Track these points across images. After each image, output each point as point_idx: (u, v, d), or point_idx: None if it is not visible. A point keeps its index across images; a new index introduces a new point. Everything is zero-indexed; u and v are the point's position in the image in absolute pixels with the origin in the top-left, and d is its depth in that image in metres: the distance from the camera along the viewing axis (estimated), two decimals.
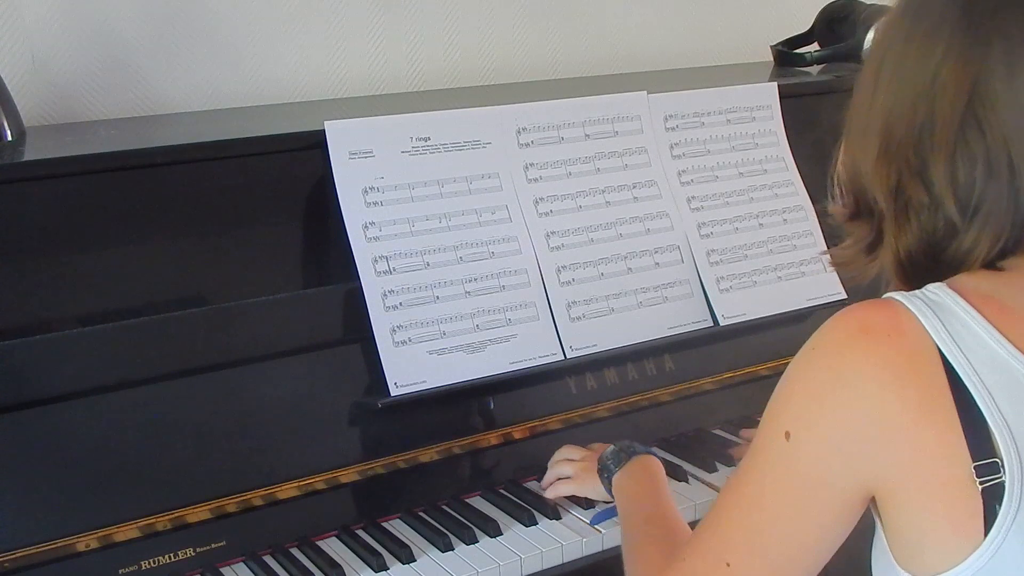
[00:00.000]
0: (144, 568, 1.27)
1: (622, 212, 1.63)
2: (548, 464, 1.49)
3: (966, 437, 0.85)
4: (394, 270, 1.44)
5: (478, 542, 1.36)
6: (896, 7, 0.97)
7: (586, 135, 1.63)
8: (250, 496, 1.33)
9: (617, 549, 1.37)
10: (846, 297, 1.70)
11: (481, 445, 1.48)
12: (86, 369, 1.27)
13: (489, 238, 1.52)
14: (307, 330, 1.40)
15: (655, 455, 1.36)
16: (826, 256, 1.06)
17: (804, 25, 2.22)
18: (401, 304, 1.44)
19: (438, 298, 1.46)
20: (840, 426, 0.89)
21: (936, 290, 0.91)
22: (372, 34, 1.96)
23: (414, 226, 1.48)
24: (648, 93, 1.69)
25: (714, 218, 1.70)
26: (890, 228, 0.95)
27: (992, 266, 0.92)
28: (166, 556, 1.28)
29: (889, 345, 0.88)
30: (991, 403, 0.86)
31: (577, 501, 1.43)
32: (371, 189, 1.46)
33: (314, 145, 1.45)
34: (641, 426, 1.58)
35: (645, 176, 1.66)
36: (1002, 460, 0.85)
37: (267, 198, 1.45)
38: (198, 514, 1.30)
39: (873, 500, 0.91)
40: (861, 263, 1.01)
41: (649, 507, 1.23)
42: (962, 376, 0.86)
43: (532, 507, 1.41)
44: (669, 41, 2.32)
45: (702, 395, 1.64)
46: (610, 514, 1.37)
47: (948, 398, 0.86)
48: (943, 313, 0.89)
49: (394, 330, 1.42)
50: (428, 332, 1.45)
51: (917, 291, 0.92)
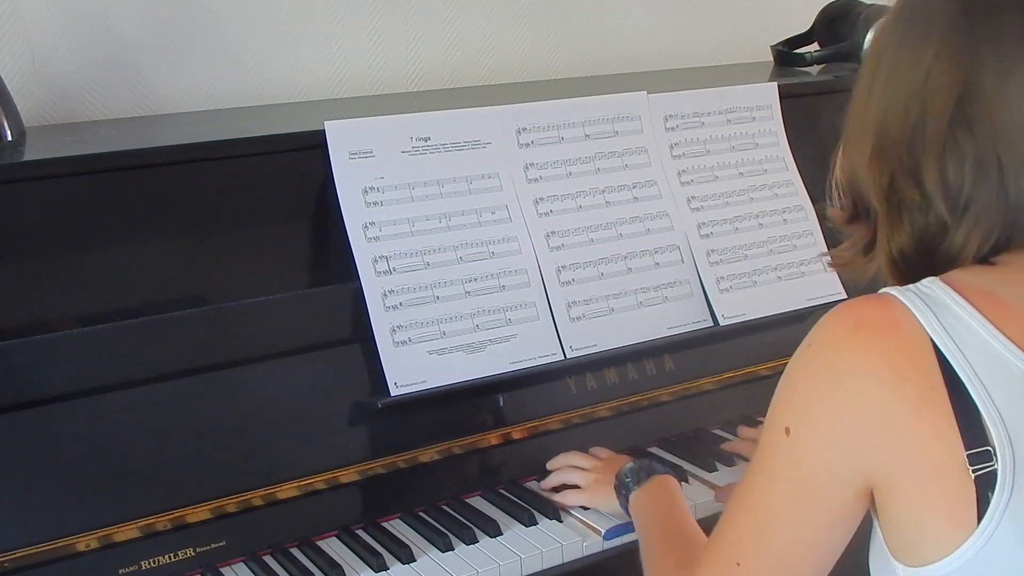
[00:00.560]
0: (144, 568, 1.27)
1: (622, 212, 1.63)
2: (547, 466, 1.49)
3: (959, 426, 0.87)
4: (394, 270, 1.44)
5: (478, 542, 1.35)
6: (892, 10, 0.98)
7: (586, 135, 1.63)
8: (250, 496, 1.33)
9: (616, 550, 1.38)
10: (846, 297, 1.70)
11: (481, 445, 1.48)
12: (86, 369, 1.27)
13: (489, 238, 1.52)
14: (307, 330, 1.40)
15: (672, 474, 1.35)
16: (826, 257, 1.07)
17: (804, 25, 2.22)
18: (401, 304, 1.44)
19: (438, 298, 1.46)
20: (839, 421, 0.90)
21: (930, 284, 0.92)
22: (372, 34, 1.96)
23: (414, 226, 1.48)
24: (648, 93, 1.69)
25: (714, 218, 1.70)
26: (883, 227, 0.97)
27: (985, 261, 0.93)
28: (166, 556, 1.28)
29: (884, 339, 0.89)
30: (984, 394, 0.87)
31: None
32: (371, 189, 1.46)
33: (314, 145, 1.45)
34: (641, 426, 1.58)
35: (645, 176, 1.66)
36: (995, 448, 0.86)
37: (267, 198, 1.45)
38: (198, 514, 1.30)
39: (872, 496, 0.92)
40: (860, 264, 1.02)
41: (669, 523, 1.23)
42: (956, 368, 0.88)
43: (532, 507, 1.41)
44: (669, 41, 2.32)
45: (702, 395, 1.64)
46: (624, 530, 1.37)
47: (942, 390, 0.87)
48: (937, 307, 0.90)
49: (394, 330, 1.42)
50: (428, 332, 1.45)
51: (911, 286, 0.93)
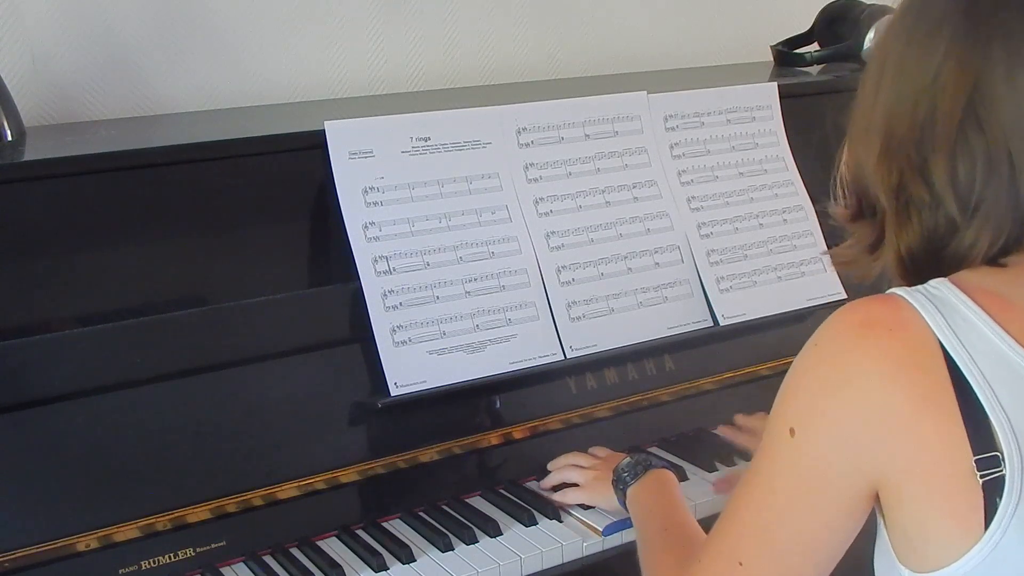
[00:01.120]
0: (144, 568, 1.27)
1: (622, 212, 1.63)
2: (548, 466, 1.49)
3: (967, 431, 0.86)
4: (394, 270, 1.44)
5: (478, 542, 1.36)
6: (898, 8, 0.98)
7: (586, 135, 1.63)
8: (250, 496, 1.33)
9: (616, 549, 1.38)
10: (846, 297, 1.70)
11: (481, 445, 1.48)
12: (86, 369, 1.27)
13: (489, 238, 1.52)
14: (307, 330, 1.40)
15: (669, 469, 1.36)
16: (828, 256, 1.06)
17: (804, 25, 2.22)
18: (401, 304, 1.44)
19: (438, 298, 1.46)
20: (844, 420, 0.90)
21: (938, 285, 0.91)
22: (372, 34, 1.96)
23: (414, 226, 1.48)
24: (648, 93, 1.69)
25: (714, 218, 1.70)
26: (891, 226, 0.96)
27: (994, 262, 0.92)
28: (166, 556, 1.28)
29: (892, 339, 0.88)
30: (992, 397, 0.86)
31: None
32: (371, 189, 1.46)
33: (314, 145, 1.45)
34: (641, 426, 1.58)
35: (645, 176, 1.66)
36: (1003, 454, 0.85)
37: (267, 198, 1.45)
38: (198, 514, 1.30)
39: (876, 496, 0.92)
40: (864, 263, 1.02)
41: (665, 518, 1.23)
42: (963, 370, 0.87)
43: (532, 507, 1.41)
44: (669, 41, 2.32)
45: (702, 395, 1.64)
46: (622, 526, 1.37)
47: (950, 392, 0.87)
48: (945, 308, 0.89)
49: (394, 330, 1.42)
50: (428, 332, 1.45)
51: (919, 286, 0.92)
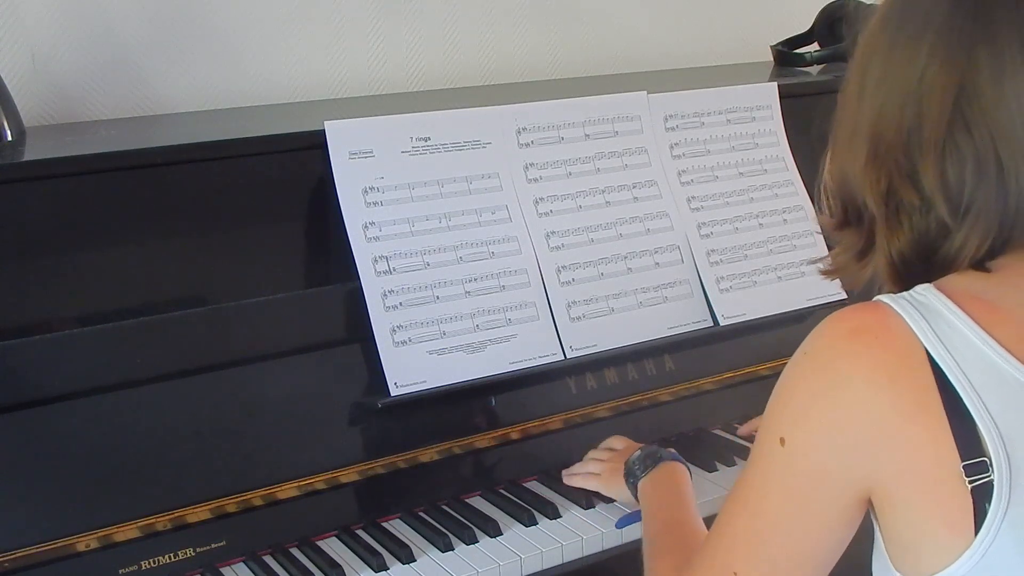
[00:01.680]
0: (144, 568, 1.27)
1: (622, 212, 1.63)
2: (564, 478, 1.49)
3: (954, 437, 0.86)
4: (394, 270, 1.44)
5: (478, 542, 1.36)
6: (879, 13, 0.98)
7: (586, 135, 1.63)
8: (250, 496, 1.33)
9: (617, 549, 1.38)
10: (846, 297, 1.70)
11: (481, 445, 1.48)
12: (86, 369, 1.27)
13: (489, 238, 1.52)
14: (307, 330, 1.40)
15: (681, 461, 1.35)
16: (818, 264, 1.06)
17: (804, 25, 2.22)
18: (401, 304, 1.44)
19: (438, 298, 1.46)
20: (833, 428, 0.90)
21: (923, 292, 0.91)
22: (372, 34, 1.96)
23: (414, 226, 1.48)
24: (648, 93, 1.69)
25: (714, 218, 1.70)
26: (882, 231, 0.96)
27: (980, 266, 0.92)
28: (166, 556, 1.28)
29: (878, 347, 0.89)
30: (979, 403, 0.86)
31: (576, 501, 1.44)
32: (371, 189, 1.46)
33: (314, 145, 1.45)
34: (641, 426, 1.58)
35: (645, 176, 1.66)
36: (990, 459, 0.85)
37: (267, 198, 1.45)
38: (198, 514, 1.30)
39: (871, 503, 0.92)
40: (853, 270, 1.02)
41: (669, 517, 1.23)
42: (949, 376, 0.87)
43: (532, 507, 1.41)
44: (669, 41, 2.32)
45: (702, 395, 1.64)
46: (635, 518, 1.37)
47: (936, 399, 0.87)
48: (930, 314, 0.89)
49: (394, 330, 1.42)
50: (428, 332, 1.45)
51: (904, 293, 0.92)
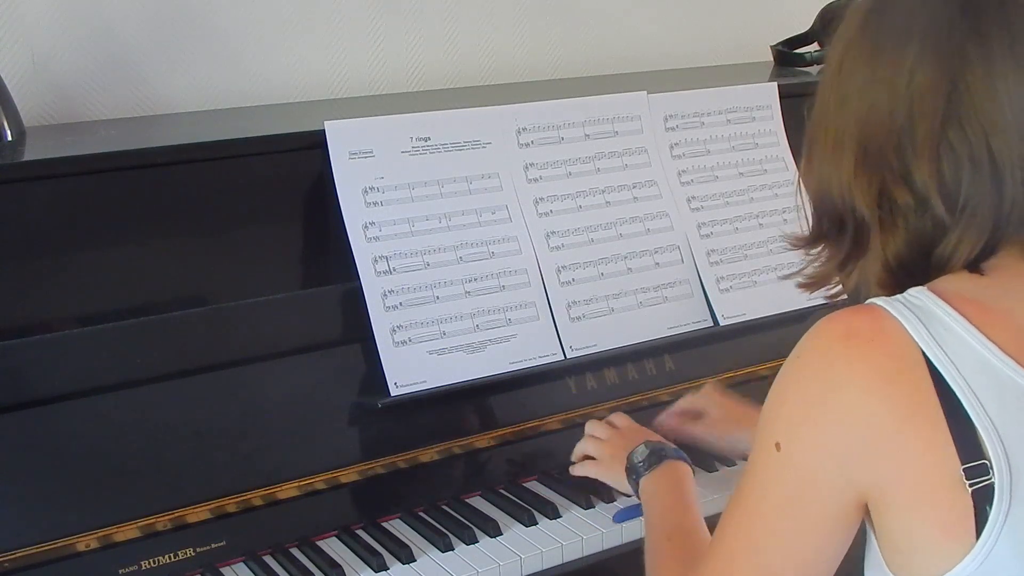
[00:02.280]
0: (144, 568, 1.27)
1: (622, 212, 1.63)
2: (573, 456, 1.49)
3: (954, 440, 0.85)
4: (394, 270, 1.44)
5: (478, 542, 1.36)
6: (854, 23, 0.97)
7: (586, 135, 1.63)
8: (250, 496, 1.33)
9: (617, 549, 1.38)
10: (846, 297, 1.70)
11: (481, 445, 1.48)
12: (86, 369, 1.27)
13: (489, 238, 1.52)
14: (307, 330, 1.40)
15: (685, 459, 1.35)
16: (792, 280, 1.06)
17: (804, 25, 2.22)
18: (401, 304, 1.44)
19: (438, 298, 1.46)
20: (829, 433, 0.89)
21: (917, 294, 0.91)
22: (372, 34, 1.96)
23: (414, 226, 1.48)
24: (648, 93, 1.69)
25: (714, 218, 1.70)
26: (876, 236, 0.95)
27: (974, 268, 0.92)
28: (166, 556, 1.28)
29: (873, 350, 0.88)
30: (977, 405, 0.86)
31: (576, 501, 1.44)
32: (371, 189, 1.46)
33: (314, 145, 1.45)
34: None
35: (645, 176, 1.66)
36: (991, 462, 0.85)
37: (267, 198, 1.45)
38: (198, 514, 1.30)
39: (866, 508, 0.91)
40: (830, 281, 1.01)
41: (673, 522, 1.23)
42: (947, 379, 0.87)
43: (532, 507, 1.41)
44: (669, 41, 2.32)
45: None
46: (632, 513, 1.37)
47: (934, 401, 0.86)
48: (925, 317, 0.89)
49: (394, 330, 1.42)
50: (428, 332, 1.45)
51: (898, 296, 0.92)
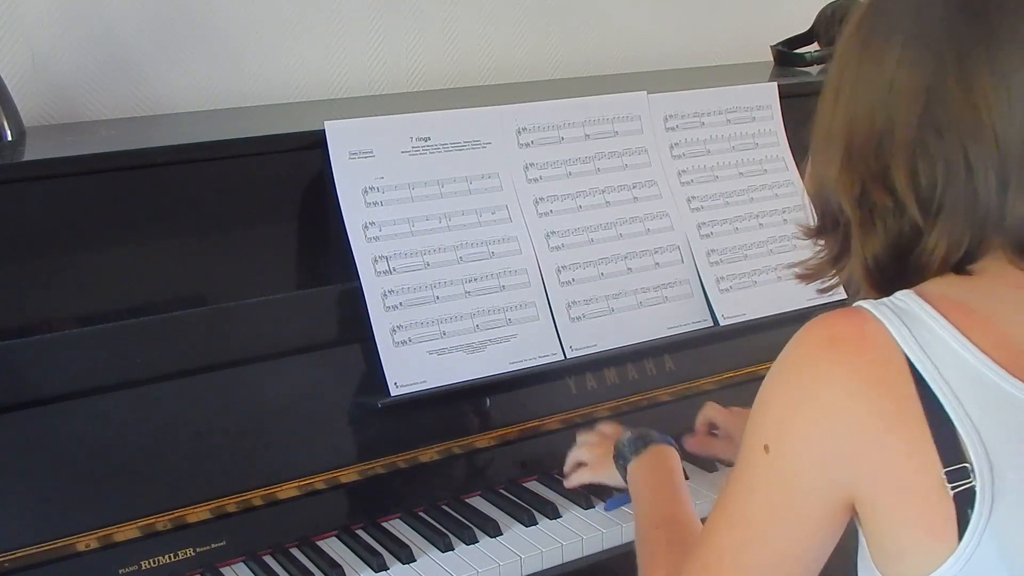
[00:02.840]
0: (144, 568, 1.27)
1: (622, 212, 1.63)
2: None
3: (935, 443, 0.86)
4: (394, 270, 1.45)
5: (478, 542, 1.36)
6: (853, 19, 0.99)
7: (586, 135, 1.63)
8: (250, 496, 1.33)
9: (617, 549, 1.38)
10: (846, 297, 1.70)
11: (481, 445, 1.48)
12: (86, 369, 1.27)
13: (489, 238, 1.52)
14: (307, 330, 1.40)
15: (671, 444, 1.35)
16: (793, 270, 1.08)
17: (804, 25, 2.22)
18: (401, 304, 1.44)
19: (438, 298, 1.46)
20: (814, 436, 0.90)
21: (903, 297, 0.92)
22: (372, 34, 1.96)
23: (414, 226, 1.48)
24: (648, 93, 1.69)
25: (714, 218, 1.70)
26: (857, 235, 0.97)
27: (961, 270, 0.92)
28: (166, 556, 1.28)
29: (857, 354, 0.89)
30: (959, 408, 0.86)
31: (576, 501, 1.44)
32: (371, 189, 1.46)
33: (314, 145, 1.45)
34: (641, 426, 1.58)
35: (645, 176, 1.66)
36: (972, 465, 0.85)
37: (267, 198, 1.45)
38: (198, 514, 1.30)
39: (854, 509, 0.92)
40: (826, 275, 1.03)
41: (661, 509, 1.23)
42: (930, 383, 0.87)
43: (532, 507, 1.41)
44: (669, 41, 2.32)
45: (702, 395, 1.63)
46: (623, 501, 1.37)
47: (917, 405, 0.87)
48: (910, 320, 0.90)
49: (394, 330, 1.42)
50: (428, 332, 1.45)
51: (885, 299, 0.93)
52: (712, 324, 1.65)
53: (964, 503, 0.85)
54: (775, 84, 1.81)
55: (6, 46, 1.64)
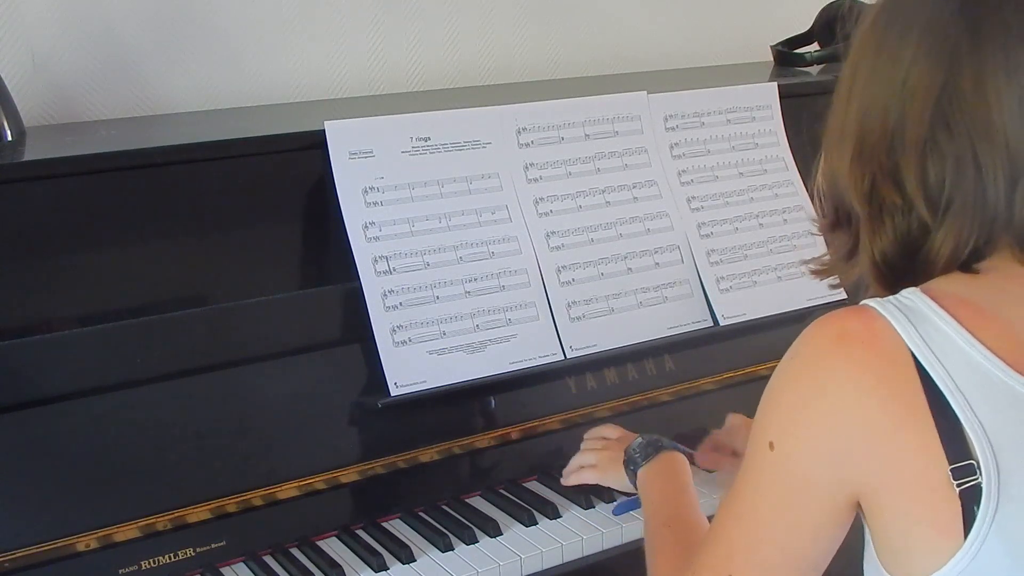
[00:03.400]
0: (144, 568, 1.27)
1: (622, 212, 1.63)
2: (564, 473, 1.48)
3: (942, 440, 0.86)
4: (394, 270, 1.45)
5: (478, 542, 1.36)
6: (869, 16, 0.99)
7: (586, 135, 1.63)
8: (250, 496, 1.33)
9: (617, 549, 1.38)
10: (846, 297, 1.70)
11: (481, 445, 1.48)
12: (86, 369, 1.27)
13: (489, 238, 1.52)
14: (307, 330, 1.40)
15: (681, 451, 1.36)
16: (808, 264, 1.08)
17: (804, 25, 2.22)
18: (401, 304, 1.44)
19: (438, 298, 1.46)
20: (821, 432, 0.90)
21: (910, 295, 0.92)
22: (372, 34, 1.96)
23: (414, 226, 1.48)
24: (648, 93, 1.69)
25: (714, 218, 1.70)
26: (866, 231, 0.97)
27: (968, 268, 0.93)
28: (166, 556, 1.28)
29: (865, 351, 0.89)
30: (965, 406, 0.87)
31: (576, 501, 1.44)
32: (371, 189, 1.46)
33: (314, 145, 1.45)
34: (641, 426, 1.58)
35: (645, 176, 1.66)
36: (978, 462, 0.85)
37: (267, 198, 1.45)
38: (198, 514, 1.30)
39: (860, 505, 0.92)
40: (841, 270, 1.03)
41: (670, 509, 1.24)
42: (936, 380, 0.87)
43: (532, 507, 1.41)
44: (669, 41, 2.32)
45: (702, 395, 1.64)
46: (631, 506, 1.37)
47: (923, 402, 0.87)
48: (916, 318, 0.90)
49: (394, 330, 1.42)
50: (428, 332, 1.45)
51: (891, 297, 0.93)
52: (712, 324, 1.65)
53: (970, 500, 0.85)
54: (775, 84, 1.81)
55: (6, 46, 1.64)
